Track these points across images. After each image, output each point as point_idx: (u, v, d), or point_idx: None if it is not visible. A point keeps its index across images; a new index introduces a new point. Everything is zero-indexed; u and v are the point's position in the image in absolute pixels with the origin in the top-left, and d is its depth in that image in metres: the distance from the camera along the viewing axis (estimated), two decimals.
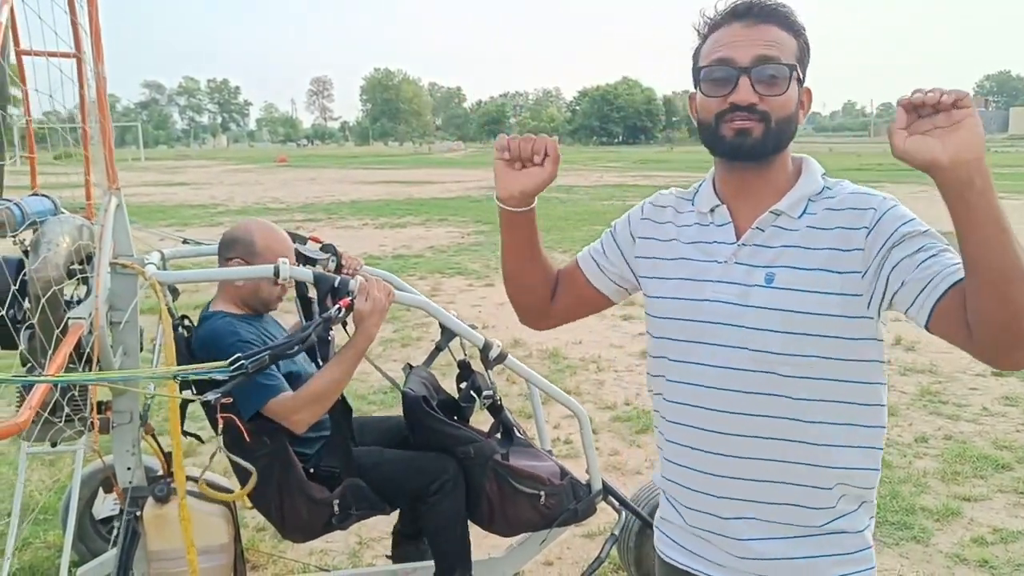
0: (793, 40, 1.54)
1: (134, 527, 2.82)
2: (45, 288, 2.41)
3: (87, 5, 2.84)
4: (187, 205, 23.34)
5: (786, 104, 1.52)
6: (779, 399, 1.53)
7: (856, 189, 1.58)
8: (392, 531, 3.43)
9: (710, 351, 1.59)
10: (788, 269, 1.53)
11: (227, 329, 2.80)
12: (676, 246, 1.69)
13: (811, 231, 1.54)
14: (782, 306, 1.52)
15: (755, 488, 1.57)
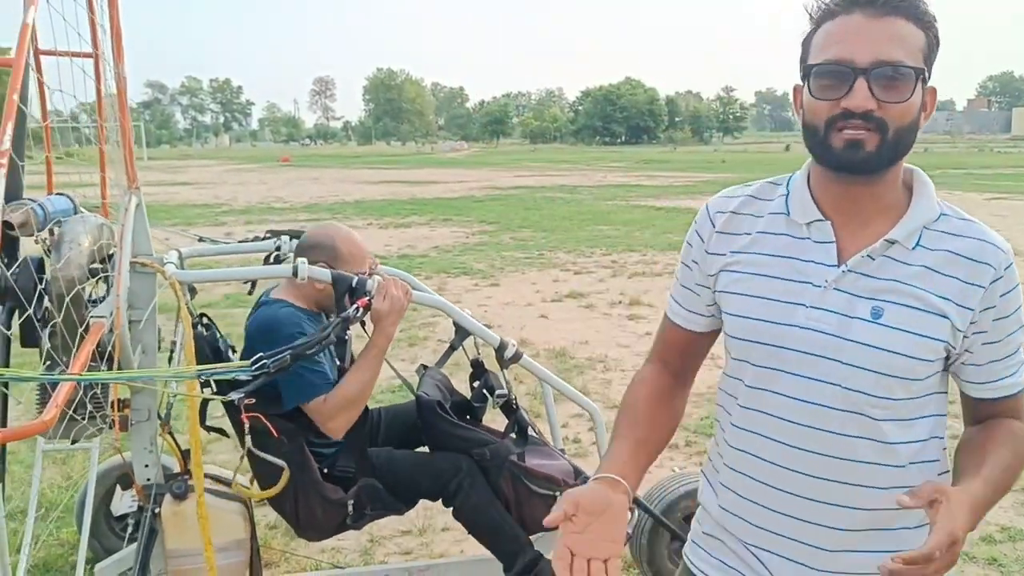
0: (922, 34, 1.36)
1: (152, 524, 2.84)
2: (69, 287, 2.44)
3: (107, 6, 2.87)
4: (190, 204, 23.37)
5: (907, 111, 1.35)
6: (865, 442, 1.42)
7: (975, 231, 1.44)
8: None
9: (795, 382, 1.44)
10: (899, 306, 1.39)
11: (291, 320, 2.79)
12: (762, 260, 1.49)
13: (927, 272, 1.40)
14: (886, 346, 1.38)
15: (820, 534, 1.46)
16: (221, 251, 3.49)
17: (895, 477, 1.42)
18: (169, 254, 3.06)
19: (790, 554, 1.48)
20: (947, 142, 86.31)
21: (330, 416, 2.71)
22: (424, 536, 4.01)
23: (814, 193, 1.47)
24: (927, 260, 1.40)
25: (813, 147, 1.42)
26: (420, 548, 3.93)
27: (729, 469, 1.56)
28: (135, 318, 2.84)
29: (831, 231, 1.44)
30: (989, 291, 1.39)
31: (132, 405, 2.88)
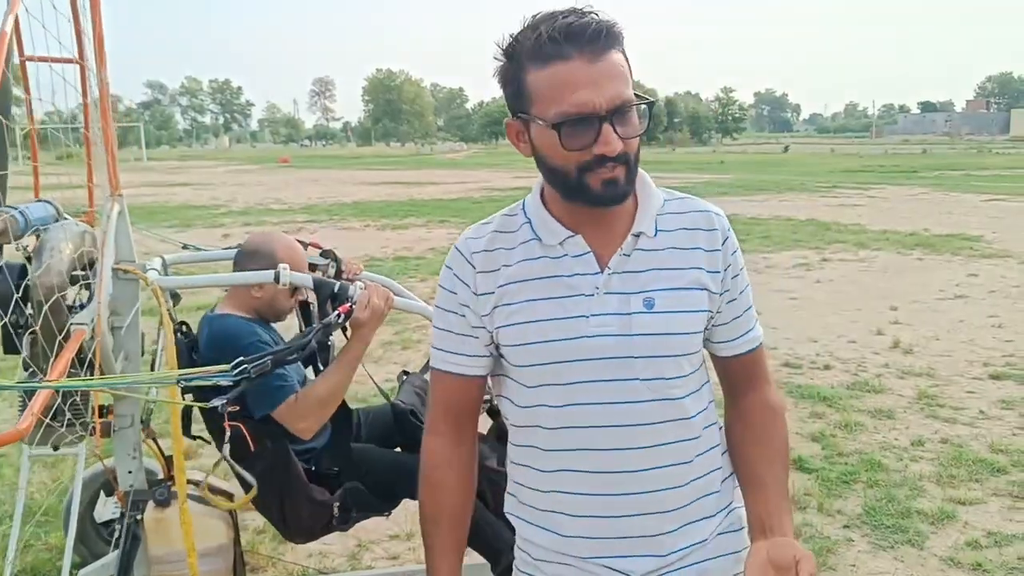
0: (625, 58, 1.41)
1: (134, 530, 2.85)
2: (48, 294, 2.44)
3: (90, 11, 2.87)
4: (189, 206, 23.38)
5: (637, 139, 1.42)
6: (675, 424, 1.51)
7: (695, 204, 1.58)
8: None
9: (600, 389, 1.48)
10: (665, 291, 1.48)
11: (247, 329, 2.81)
12: (527, 287, 1.51)
13: (674, 251, 1.52)
14: (667, 330, 1.47)
15: (666, 519, 1.52)
16: (205, 257, 3.48)
17: (695, 447, 1.55)
18: (152, 260, 3.07)
19: (641, 551, 1.52)
20: (946, 143, 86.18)
21: (301, 417, 2.71)
22: (411, 541, 4.01)
23: (555, 214, 1.52)
24: (670, 241, 1.52)
25: (566, 190, 1.46)
26: (407, 552, 3.93)
27: (554, 494, 1.55)
28: (118, 324, 2.84)
29: (584, 242, 1.50)
30: (723, 251, 1.54)
31: (115, 411, 2.88)
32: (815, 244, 14.03)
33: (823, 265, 12.00)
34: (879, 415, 5.72)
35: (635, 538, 1.52)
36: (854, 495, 4.46)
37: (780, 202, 22.36)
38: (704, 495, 1.57)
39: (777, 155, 65.65)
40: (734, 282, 1.56)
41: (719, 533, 1.59)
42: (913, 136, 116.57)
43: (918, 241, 14.16)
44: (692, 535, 1.55)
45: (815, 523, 4.14)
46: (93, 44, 2.87)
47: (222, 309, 2.96)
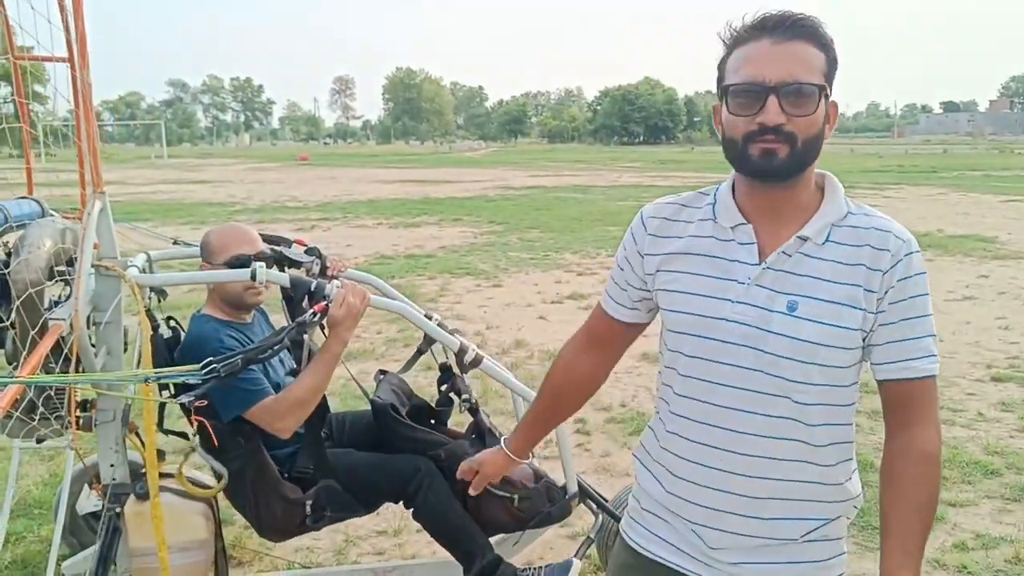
0: (822, 55, 1.53)
1: (115, 523, 2.88)
2: (22, 290, 2.48)
3: (73, 12, 2.91)
4: (206, 203, 23.52)
5: (813, 123, 1.52)
6: (791, 423, 1.57)
7: (879, 223, 1.59)
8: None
9: (724, 371, 1.60)
10: (812, 300, 1.54)
11: (212, 335, 2.87)
12: (691, 260, 1.66)
13: (837, 265, 1.56)
14: (802, 336, 1.54)
15: (754, 504, 1.61)
16: (194, 254, 3.51)
17: (811, 453, 1.59)
18: (136, 257, 3.10)
19: (726, 526, 1.64)
20: (968, 143, 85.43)
21: (279, 416, 2.74)
22: (399, 537, 4.04)
23: (737, 200, 1.64)
24: (837, 254, 1.56)
25: (733, 159, 1.58)
26: (393, 549, 3.96)
27: (667, 452, 1.72)
28: (100, 320, 2.88)
29: (752, 233, 1.61)
30: (888, 274, 1.53)
31: (98, 406, 2.92)
32: None
33: None
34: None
35: (724, 513, 1.63)
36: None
37: None
38: (801, 503, 1.61)
39: None
40: (895, 307, 1.54)
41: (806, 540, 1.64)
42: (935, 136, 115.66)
43: (931, 242, 14.05)
44: (774, 530, 1.62)
45: None
46: (76, 44, 2.91)
47: (205, 308, 3.01)
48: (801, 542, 1.63)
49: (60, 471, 4.69)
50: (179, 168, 47.00)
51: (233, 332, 2.93)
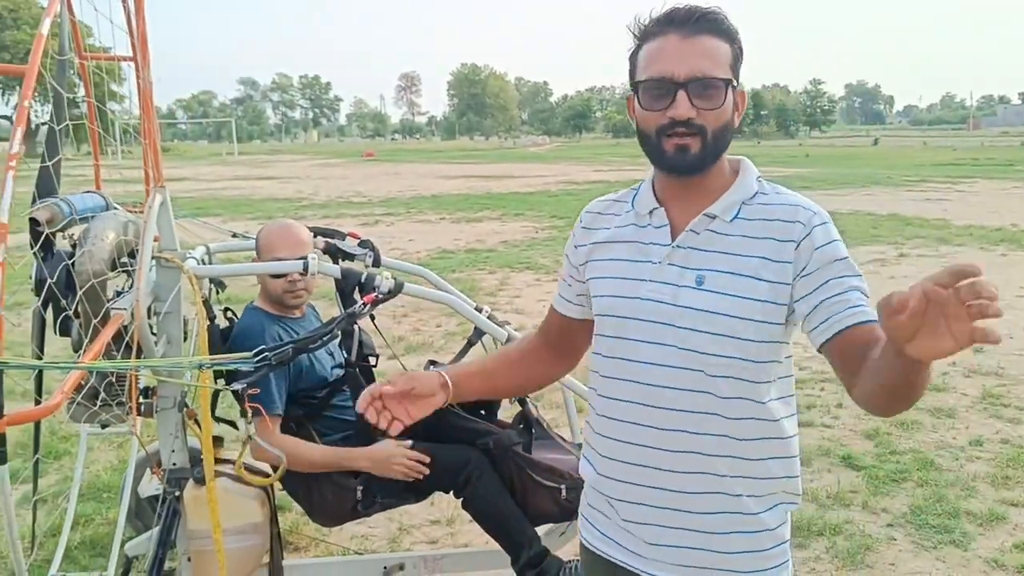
0: (727, 46, 1.58)
1: (175, 507, 2.99)
2: (85, 281, 2.58)
3: (135, 14, 3.02)
4: (273, 199, 23.94)
5: (722, 115, 1.57)
6: (707, 396, 1.59)
7: (788, 199, 1.63)
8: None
9: (640, 348, 1.64)
10: (718, 273, 1.59)
11: (257, 328, 2.96)
12: (613, 247, 1.73)
13: (744, 239, 1.59)
14: (710, 308, 1.57)
15: (680, 478, 1.62)
16: (252, 247, 3.61)
17: (726, 426, 1.60)
18: (196, 249, 3.21)
19: (647, 500, 1.66)
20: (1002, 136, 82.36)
21: (270, 444, 2.84)
22: (452, 526, 4.10)
23: (655, 187, 1.72)
24: (745, 229, 1.61)
25: (648, 152, 1.64)
26: (446, 538, 4.02)
27: (598, 436, 1.75)
28: (160, 310, 2.98)
29: (665, 215, 1.67)
30: (802, 244, 1.56)
31: (159, 393, 3.03)
32: (894, 239, 13.69)
33: (900, 261, 11.70)
34: (939, 414, 5.60)
35: (649, 488, 1.66)
36: (902, 494, 4.39)
37: (863, 196, 21.84)
38: (725, 479, 1.61)
39: (866, 148, 63.86)
40: (819, 272, 1.54)
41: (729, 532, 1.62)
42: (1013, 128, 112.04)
43: (1004, 237, 13.70)
44: (694, 503, 1.62)
45: (857, 520, 4.09)
46: (138, 44, 3.01)
47: (257, 301, 3.10)
48: (736, 525, 1.62)
49: (127, 457, 4.85)
50: (249, 164, 47.92)
51: (281, 326, 3.00)
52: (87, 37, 3.49)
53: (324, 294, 3.27)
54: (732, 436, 1.60)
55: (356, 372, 3.00)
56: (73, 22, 3.17)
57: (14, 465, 4.18)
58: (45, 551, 3.66)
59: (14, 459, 4.36)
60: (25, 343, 2.86)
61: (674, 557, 1.65)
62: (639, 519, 1.67)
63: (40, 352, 2.95)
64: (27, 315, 2.91)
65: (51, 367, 2.24)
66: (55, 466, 4.84)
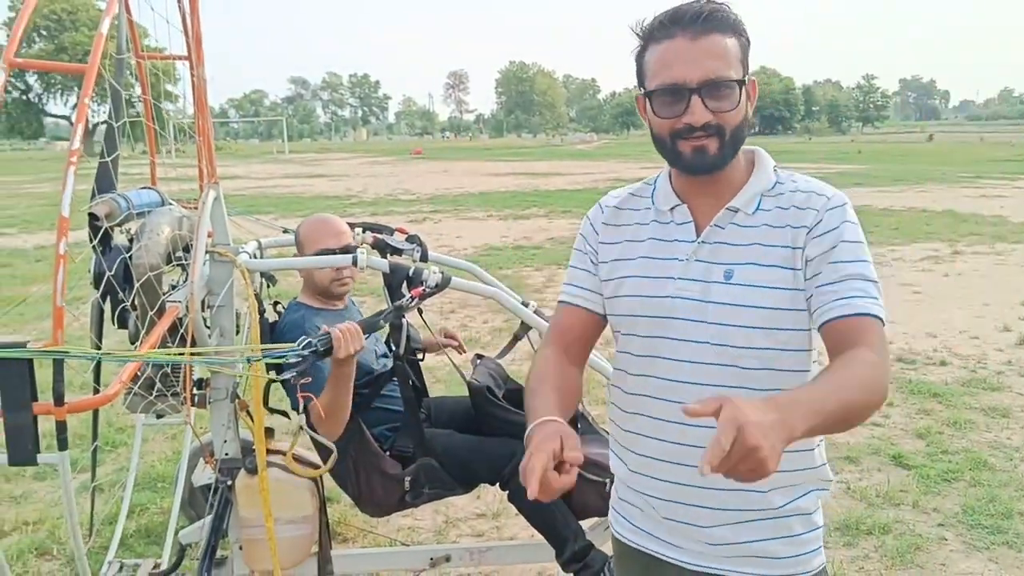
0: (735, 41, 1.57)
1: (227, 496, 3.05)
2: (142, 274, 2.65)
3: (190, 14, 3.09)
4: (323, 196, 24.19)
5: (738, 114, 1.56)
6: (744, 391, 1.57)
7: (803, 186, 1.63)
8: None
9: (674, 346, 1.63)
10: (746, 265, 1.58)
11: (300, 323, 3.04)
12: (635, 246, 1.73)
13: (767, 229, 1.60)
14: (740, 301, 1.57)
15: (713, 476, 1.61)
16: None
17: None
18: (248, 244, 3.27)
19: (683, 498, 1.67)
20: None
21: (319, 422, 2.85)
22: (497, 520, 4.14)
23: (673, 184, 1.71)
24: (766, 219, 1.60)
25: (664, 155, 1.64)
26: (492, 531, 4.05)
27: (628, 433, 1.76)
28: (213, 303, 3.05)
29: (688, 212, 1.67)
30: (813, 230, 1.55)
31: (211, 384, 3.09)
32: (948, 236, 13.47)
33: (954, 258, 11.51)
34: (993, 413, 5.50)
35: (683, 486, 1.66)
36: (954, 493, 4.33)
37: (917, 193, 21.49)
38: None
39: (920, 144, 62.78)
40: (824, 255, 1.53)
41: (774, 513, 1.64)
42: None
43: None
44: (731, 500, 1.63)
45: (908, 519, 4.04)
46: (192, 43, 3.08)
47: (300, 296, 3.17)
48: (768, 514, 1.63)
49: (181, 447, 4.95)
50: (299, 163, 48.45)
51: (323, 319, 3.05)
52: (144, 37, 3.58)
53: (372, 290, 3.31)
54: None
55: (404, 365, 3.04)
56: (131, 23, 3.26)
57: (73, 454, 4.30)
58: (102, 538, 3.75)
59: (73, 448, 4.48)
60: (84, 334, 2.94)
61: (709, 547, 1.67)
62: (673, 515, 1.69)
63: (99, 343, 3.03)
64: (86, 307, 2.99)
65: (109, 357, 2.30)
66: (112, 456, 4.96)
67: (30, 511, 4.23)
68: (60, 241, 2.02)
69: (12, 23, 2.39)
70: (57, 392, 1.98)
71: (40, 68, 4.41)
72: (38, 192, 25.64)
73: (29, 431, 2.00)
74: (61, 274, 1.99)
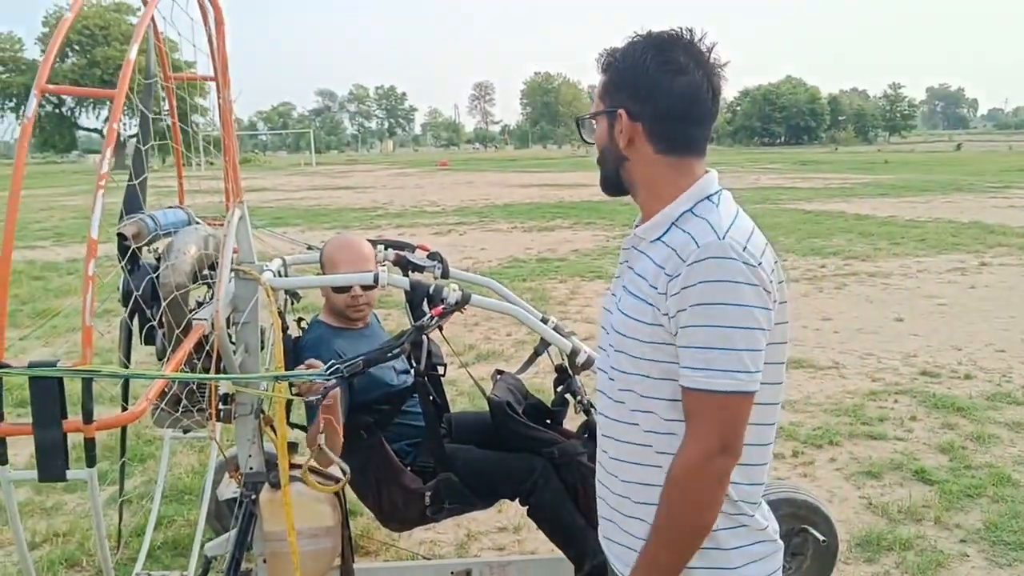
0: (602, 78, 1.75)
1: (251, 509, 3.11)
2: (169, 292, 2.72)
3: (216, 37, 3.16)
4: (349, 208, 24.34)
5: (599, 142, 1.76)
6: (620, 407, 1.72)
7: (692, 227, 1.61)
8: None
9: (601, 357, 1.82)
10: (626, 293, 1.71)
11: (317, 343, 3.10)
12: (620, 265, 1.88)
13: (648, 262, 1.66)
14: (614, 325, 1.72)
15: (611, 483, 1.77)
16: None
17: (644, 438, 1.67)
18: (272, 261, 3.33)
19: (602, 502, 1.83)
20: None
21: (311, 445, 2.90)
22: (519, 534, 4.16)
23: None
24: (654, 251, 1.66)
25: None
26: (513, 545, 4.08)
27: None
28: (238, 320, 3.11)
29: (633, 234, 1.81)
30: (674, 280, 1.57)
31: (236, 400, 3.15)
32: (975, 248, 13.37)
33: (981, 270, 11.42)
34: (1018, 428, 5.47)
35: (602, 498, 1.84)
36: (977, 509, 4.31)
37: (944, 203, 21.32)
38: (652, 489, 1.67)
39: (948, 154, 62.22)
40: (681, 314, 1.55)
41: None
42: None
43: None
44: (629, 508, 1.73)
45: (929, 536, 4.03)
46: (219, 65, 3.15)
47: (320, 314, 3.23)
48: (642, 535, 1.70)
49: (207, 461, 5.02)
50: (326, 174, 48.79)
51: (344, 340, 3.10)
52: (172, 52, 3.66)
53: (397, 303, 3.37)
54: (652, 448, 1.66)
55: (425, 381, 3.08)
56: (160, 46, 3.33)
57: (102, 467, 4.38)
58: (130, 550, 3.82)
59: (102, 462, 4.57)
60: (113, 351, 3.01)
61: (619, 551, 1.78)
62: (605, 534, 1.84)
63: (127, 360, 3.10)
64: (115, 324, 3.06)
65: (137, 376, 2.36)
66: (140, 469, 5.04)
67: (60, 523, 4.31)
68: (89, 262, 2.07)
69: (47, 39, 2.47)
70: (86, 410, 2.03)
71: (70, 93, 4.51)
72: (71, 205, 26.00)
73: (59, 448, 2.04)
74: (90, 294, 2.05)
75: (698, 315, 1.52)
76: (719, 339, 1.51)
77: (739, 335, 1.51)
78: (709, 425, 1.54)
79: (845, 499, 4.48)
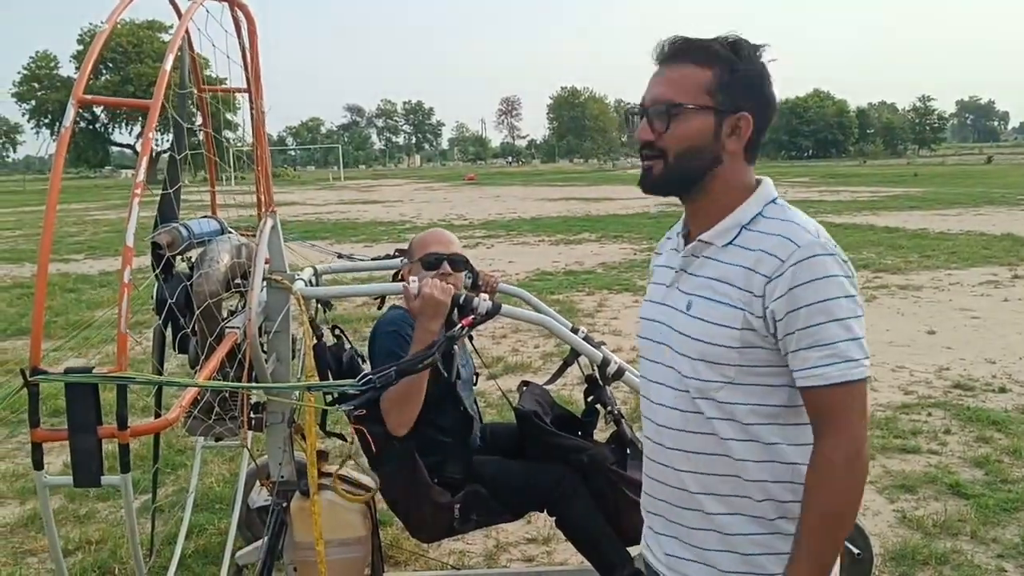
0: (703, 71, 1.63)
1: (282, 518, 3.12)
2: (202, 301, 2.74)
3: (249, 48, 3.20)
4: (377, 222, 24.47)
5: (683, 139, 1.63)
6: (697, 417, 1.66)
7: (781, 228, 1.61)
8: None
9: (651, 367, 1.77)
10: (703, 299, 1.65)
11: (396, 323, 3.04)
12: (657, 271, 1.86)
13: (728, 266, 1.63)
14: (692, 333, 1.65)
15: (681, 496, 1.71)
16: (356, 268, 3.74)
17: (723, 448, 1.64)
18: (304, 271, 3.35)
19: (656, 510, 1.79)
20: None
21: (386, 412, 2.83)
22: (548, 545, 4.14)
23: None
24: (733, 256, 1.64)
25: None
26: (542, 555, 4.06)
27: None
28: (270, 329, 3.13)
29: (683, 240, 1.78)
30: (774, 282, 1.56)
31: (268, 408, 3.18)
32: (1008, 260, 13.19)
33: (1014, 283, 11.26)
34: None
35: (654, 499, 1.79)
36: (1014, 524, 4.24)
37: (975, 216, 21.06)
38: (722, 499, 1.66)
39: (978, 167, 61.48)
40: (791, 316, 1.54)
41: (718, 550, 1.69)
42: None
43: None
44: (690, 519, 1.71)
45: (965, 550, 3.97)
46: (252, 77, 3.19)
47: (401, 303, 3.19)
48: (732, 538, 1.67)
49: (238, 470, 5.05)
50: (354, 189, 49.13)
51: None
52: (205, 68, 3.71)
53: None
54: (729, 456, 1.64)
55: (455, 390, 3.08)
56: (193, 58, 3.38)
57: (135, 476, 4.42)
58: (162, 558, 3.84)
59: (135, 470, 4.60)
60: (147, 359, 3.04)
61: (673, 562, 1.76)
62: (656, 528, 1.80)
63: (160, 367, 3.14)
64: (149, 333, 3.09)
65: (170, 383, 2.38)
66: (172, 477, 5.08)
67: (93, 530, 4.35)
68: (124, 269, 2.10)
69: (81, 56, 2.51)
70: (121, 416, 2.05)
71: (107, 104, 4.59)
72: (104, 219, 26.32)
73: (94, 454, 2.07)
74: (125, 302, 2.07)
75: (816, 313, 1.53)
76: (843, 331, 1.53)
77: (856, 324, 1.55)
78: (854, 415, 1.54)
79: (878, 512, 4.43)
